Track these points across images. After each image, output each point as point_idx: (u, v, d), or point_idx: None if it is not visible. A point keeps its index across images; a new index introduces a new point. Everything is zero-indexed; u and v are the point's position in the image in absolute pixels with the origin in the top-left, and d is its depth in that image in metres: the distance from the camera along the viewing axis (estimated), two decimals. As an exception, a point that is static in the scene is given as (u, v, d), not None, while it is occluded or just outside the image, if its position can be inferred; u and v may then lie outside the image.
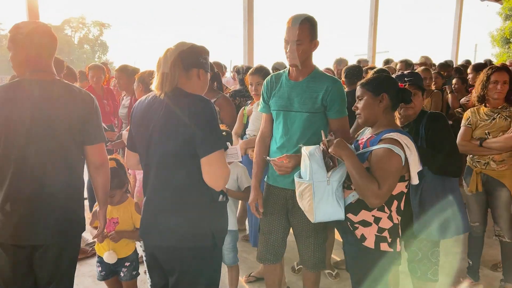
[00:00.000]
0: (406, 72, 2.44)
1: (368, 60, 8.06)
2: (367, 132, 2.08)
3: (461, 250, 3.58)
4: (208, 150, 1.68)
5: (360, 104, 1.99)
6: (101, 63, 6.02)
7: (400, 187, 1.91)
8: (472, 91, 3.29)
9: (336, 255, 3.55)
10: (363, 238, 1.93)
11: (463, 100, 4.75)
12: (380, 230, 1.92)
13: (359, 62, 6.65)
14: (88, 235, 2.66)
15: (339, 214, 1.92)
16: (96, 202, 2.18)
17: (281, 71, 2.40)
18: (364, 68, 4.55)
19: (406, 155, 1.84)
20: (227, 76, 7.92)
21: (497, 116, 2.83)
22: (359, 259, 2.00)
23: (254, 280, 3.27)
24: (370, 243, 1.92)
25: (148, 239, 1.90)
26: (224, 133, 2.52)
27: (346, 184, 1.96)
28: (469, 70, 5.28)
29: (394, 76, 2.38)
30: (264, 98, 2.42)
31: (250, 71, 3.35)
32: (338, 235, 2.56)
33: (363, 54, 9.23)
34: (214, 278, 1.91)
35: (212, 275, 1.89)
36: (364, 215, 1.93)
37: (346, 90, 3.24)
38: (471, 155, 2.97)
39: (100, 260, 2.55)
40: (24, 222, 1.88)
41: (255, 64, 4.42)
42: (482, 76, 2.92)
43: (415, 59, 6.71)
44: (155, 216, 1.83)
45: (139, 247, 2.86)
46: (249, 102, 3.64)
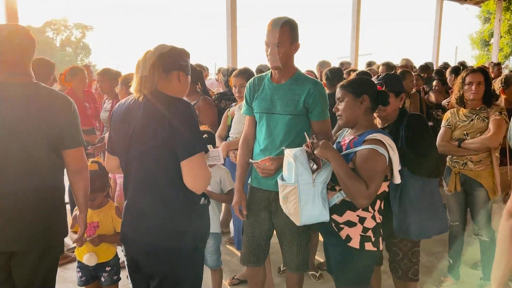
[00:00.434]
0: (382, 74, 2.47)
1: (351, 62, 8.14)
2: (347, 134, 2.10)
3: (441, 250, 3.64)
4: (188, 153, 1.67)
5: (341, 106, 2.01)
6: (83, 65, 5.94)
7: (383, 186, 1.94)
8: (452, 93, 3.36)
9: (320, 257, 3.56)
10: (348, 238, 1.95)
11: (444, 102, 4.84)
12: (365, 230, 1.94)
13: (341, 64, 6.71)
14: (68, 240, 2.61)
15: (324, 216, 1.93)
16: (76, 206, 2.14)
17: (263, 74, 2.40)
18: (347, 70, 4.59)
19: (389, 155, 1.87)
20: (212, 78, 7.91)
21: (475, 117, 2.89)
22: (343, 260, 2.01)
23: (238, 283, 3.26)
24: (355, 243, 1.94)
25: (129, 243, 1.88)
26: (206, 135, 2.50)
27: (330, 186, 1.97)
28: (447, 73, 5.39)
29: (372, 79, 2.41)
30: (247, 101, 2.41)
31: (234, 73, 3.35)
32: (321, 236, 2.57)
33: (346, 57, 9.32)
34: (196, 281, 1.89)
35: (194, 278, 1.88)
36: (349, 215, 1.95)
37: (327, 92, 3.26)
38: (450, 156, 3.04)
39: (80, 265, 2.50)
40: None
41: (239, 66, 4.42)
42: (459, 78, 3.01)
43: (397, 61, 6.81)
44: (135, 220, 1.81)
45: (121, 252, 2.82)
46: (233, 104, 3.63)
